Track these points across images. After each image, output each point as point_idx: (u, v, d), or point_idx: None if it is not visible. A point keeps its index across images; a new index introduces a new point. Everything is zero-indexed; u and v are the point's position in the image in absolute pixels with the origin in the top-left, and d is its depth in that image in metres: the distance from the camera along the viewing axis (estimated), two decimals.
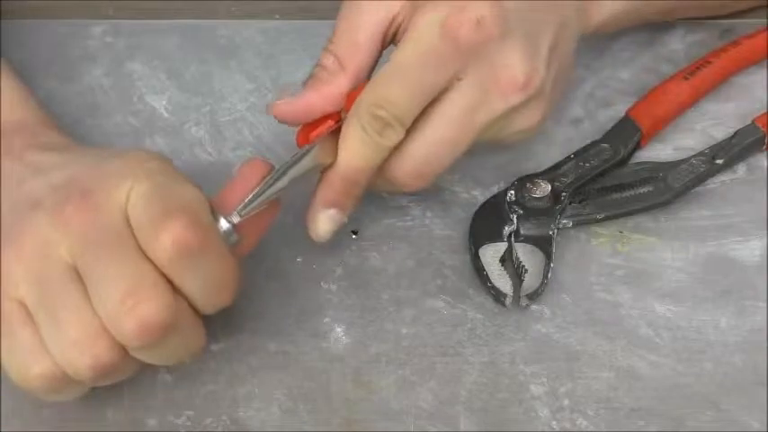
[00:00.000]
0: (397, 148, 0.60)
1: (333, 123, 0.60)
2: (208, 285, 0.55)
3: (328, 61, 0.61)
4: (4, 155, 0.58)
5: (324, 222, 0.61)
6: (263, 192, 0.57)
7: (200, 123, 0.72)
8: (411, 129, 0.59)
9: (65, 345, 0.53)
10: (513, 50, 0.59)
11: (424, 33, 0.58)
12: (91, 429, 0.58)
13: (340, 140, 0.60)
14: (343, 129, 0.59)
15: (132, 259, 0.53)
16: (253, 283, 0.63)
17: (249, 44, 0.76)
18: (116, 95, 0.73)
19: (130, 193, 0.54)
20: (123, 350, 0.54)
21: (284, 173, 0.58)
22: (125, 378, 0.56)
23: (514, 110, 0.60)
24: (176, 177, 0.56)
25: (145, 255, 0.53)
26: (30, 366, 0.53)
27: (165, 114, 0.72)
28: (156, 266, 0.53)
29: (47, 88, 0.72)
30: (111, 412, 0.59)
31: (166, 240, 0.53)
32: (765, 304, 0.63)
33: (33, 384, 0.54)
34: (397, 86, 0.58)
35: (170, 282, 0.54)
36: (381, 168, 0.60)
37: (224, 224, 0.56)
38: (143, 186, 0.54)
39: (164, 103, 0.73)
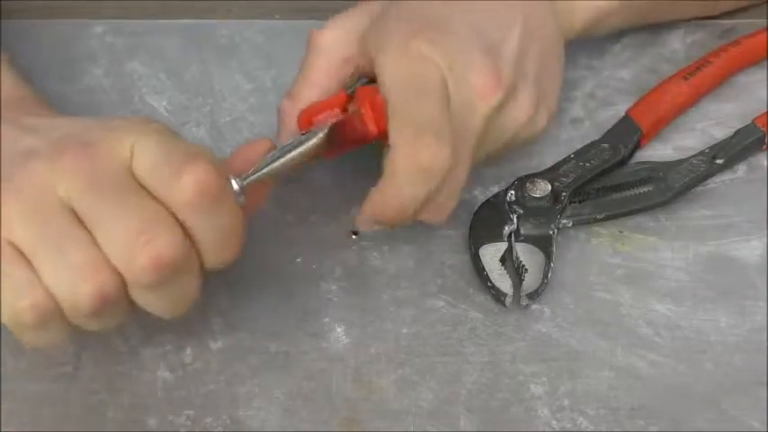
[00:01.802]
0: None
1: (339, 112, 0.61)
2: (219, 235, 0.55)
3: (285, 103, 0.64)
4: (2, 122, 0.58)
5: (371, 227, 0.62)
6: (270, 163, 0.58)
7: (201, 124, 0.72)
8: None
9: (67, 271, 0.53)
10: (476, 57, 0.60)
11: (398, 70, 0.60)
12: (91, 429, 0.58)
13: (384, 184, 0.59)
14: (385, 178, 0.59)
15: (140, 200, 0.53)
16: (253, 283, 0.63)
17: (249, 44, 0.76)
18: (116, 95, 0.73)
19: (135, 146, 0.54)
20: (124, 288, 0.54)
21: (290, 150, 0.59)
22: (109, 326, 0.56)
23: (501, 105, 0.61)
24: (181, 138, 0.56)
25: (153, 198, 0.53)
26: (20, 297, 0.53)
27: (165, 114, 0.72)
28: (165, 209, 0.53)
29: (47, 88, 0.72)
30: (111, 412, 0.59)
31: (188, 182, 0.53)
32: (765, 304, 0.63)
33: (22, 317, 0.53)
34: (420, 110, 0.59)
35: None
36: None
37: (234, 185, 0.57)
38: (150, 139, 0.54)
39: (164, 103, 0.73)
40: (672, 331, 0.62)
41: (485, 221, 0.65)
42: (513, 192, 0.65)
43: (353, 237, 0.66)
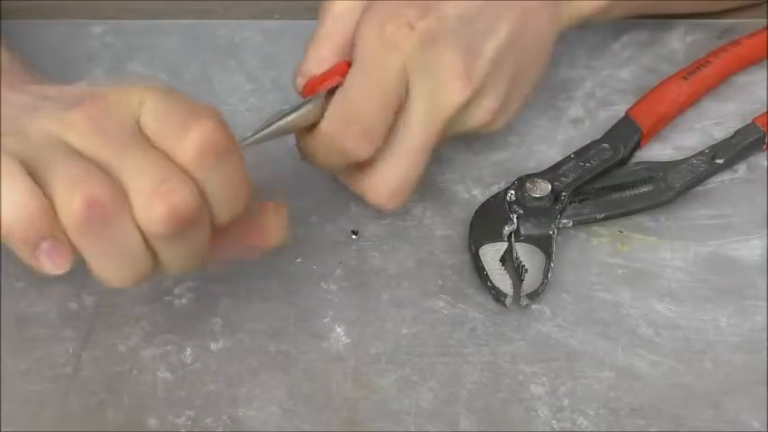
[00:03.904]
0: (370, 171, 0.62)
1: (339, 78, 0.61)
2: (227, 190, 0.55)
3: (299, 81, 0.64)
4: (3, 87, 0.58)
5: None
6: (263, 129, 0.60)
7: None
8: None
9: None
10: (449, 51, 0.60)
11: (365, 49, 0.61)
12: (91, 429, 0.58)
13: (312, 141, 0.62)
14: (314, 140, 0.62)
15: (154, 152, 0.53)
16: (253, 283, 0.63)
17: (249, 44, 0.76)
18: None
19: (143, 102, 0.54)
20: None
21: (287, 114, 0.61)
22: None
23: (466, 104, 0.61)
24: (186, 96, 0.56)
25: (165, 154, 0.53)
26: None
27: None
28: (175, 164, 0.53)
29: None
30: (111, 412, 0.59)
31: (196, 137, 0.53)
32: (765, 304, 0.63)
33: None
34: (362, 100, 0.60)
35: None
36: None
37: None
38: (158, 95, 0.54)
39: None
40: (672, 331, 0.62)
41: (485, 221, 0.65)
42: (513, 192, 0.65)
43: (353, 237, 0.66)
